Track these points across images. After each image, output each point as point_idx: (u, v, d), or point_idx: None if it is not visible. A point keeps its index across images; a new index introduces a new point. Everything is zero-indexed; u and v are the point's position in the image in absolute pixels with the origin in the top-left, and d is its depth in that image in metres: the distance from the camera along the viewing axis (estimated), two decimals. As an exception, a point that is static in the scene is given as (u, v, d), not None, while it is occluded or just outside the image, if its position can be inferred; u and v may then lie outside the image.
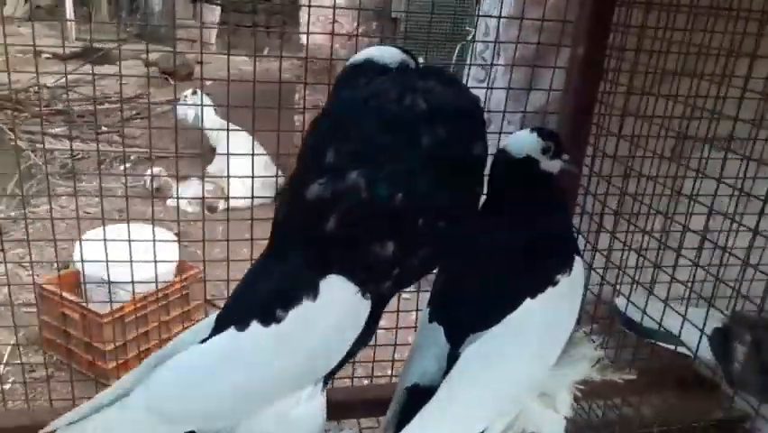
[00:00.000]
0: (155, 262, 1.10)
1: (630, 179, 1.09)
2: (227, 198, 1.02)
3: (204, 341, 0.69)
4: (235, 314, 0.68)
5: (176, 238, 2.45)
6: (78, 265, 2.65)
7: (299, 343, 0.64)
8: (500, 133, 0.86)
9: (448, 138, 0.62)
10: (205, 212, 3.30)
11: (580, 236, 1.09)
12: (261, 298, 0.67)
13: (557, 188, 0.86)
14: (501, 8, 1.49)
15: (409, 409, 0.75)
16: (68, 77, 4.71)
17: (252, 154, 1.17)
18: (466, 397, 0.72)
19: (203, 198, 3.22)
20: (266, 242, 0.77)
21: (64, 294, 2.65)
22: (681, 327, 0.97)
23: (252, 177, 1.06)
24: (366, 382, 1.18)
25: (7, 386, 2.50)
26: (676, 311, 0.96)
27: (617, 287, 1.10)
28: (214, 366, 0.66)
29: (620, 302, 1.14)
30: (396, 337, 1.16)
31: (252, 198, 1.13)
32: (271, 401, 0.65)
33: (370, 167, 0.60)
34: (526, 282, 0.79)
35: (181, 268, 2.76)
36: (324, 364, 0.66)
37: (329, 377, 0.69)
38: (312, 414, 0.66)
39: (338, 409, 0.90)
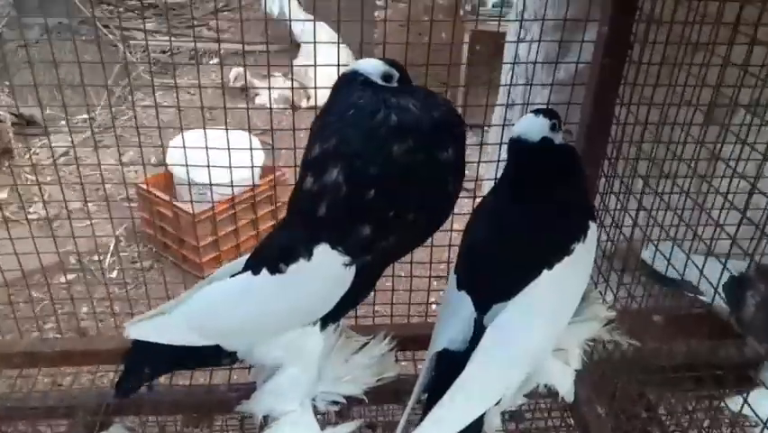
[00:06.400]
0: (252, 166, 1.24)
1: (660, 145, 1.08)
2: (315, 89, 1.00)
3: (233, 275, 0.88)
4: (254, 261, 0.86)
5: (262, 145, 2.41)
6: (171, 167, 2.71)
7: (296, 291, 0.82)
8: (526, 104, 0.97)
9: (415, 147, 0.74)
10: (291, 112, 3.26)
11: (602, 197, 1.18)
12: (272, 253, 0.84)
13: (571, 157, 0.92)
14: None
15: (440, 372, 0.87)
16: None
17: (338, 42, 1.17)
18: (491, 372, 0.82)
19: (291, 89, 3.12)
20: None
21: (155, 192, 2.72)
22: (700, 278, 1.03)
23: (338, 65, 1.03)
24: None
25: (113, 274, 2.67)
26: (695, 264, 1.01)
27: (645, 240, 1.16)
28: (233, 299, 0.86)
29: (647, 254, 1.20)
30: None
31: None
32: (278, 332, 0.85)
33: (348, 168, 0.75)
34: (544, 254, 0.85)
35: (268, 170, 2.78)
36: (316, 310, 0.84)
37: (327, 320, 0.86)
38: (311, 344, 0.86)
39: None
